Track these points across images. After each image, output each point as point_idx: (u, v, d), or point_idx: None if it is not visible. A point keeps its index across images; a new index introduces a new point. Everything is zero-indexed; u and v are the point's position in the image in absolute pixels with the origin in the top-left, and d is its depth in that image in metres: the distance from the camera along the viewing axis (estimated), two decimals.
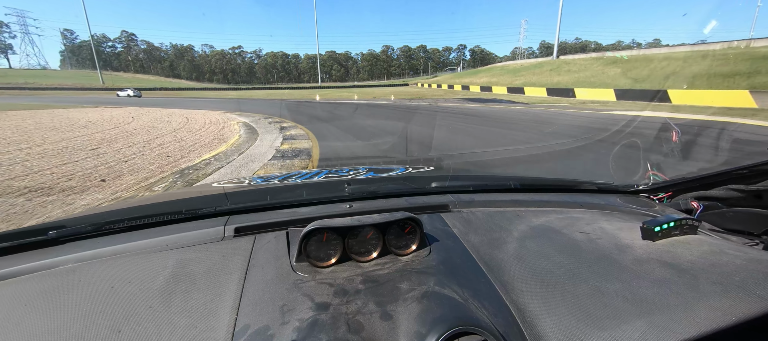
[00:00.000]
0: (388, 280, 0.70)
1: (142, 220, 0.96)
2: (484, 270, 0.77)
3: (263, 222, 0.95)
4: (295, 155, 6.62)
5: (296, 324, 0.58)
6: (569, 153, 6.41)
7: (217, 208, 1.03)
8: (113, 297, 0.66)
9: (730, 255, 0.78)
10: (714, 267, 0.74)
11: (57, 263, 0.79)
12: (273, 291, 0.67)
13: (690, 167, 1.62)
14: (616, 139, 7.43)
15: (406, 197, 1.18)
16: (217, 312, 0.62)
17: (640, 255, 0.80)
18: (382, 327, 0.58)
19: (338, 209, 1.05)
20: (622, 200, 1.28)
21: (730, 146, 6.64)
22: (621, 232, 0.93)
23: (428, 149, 7.02)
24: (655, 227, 0.86)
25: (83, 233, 0.90)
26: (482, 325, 0.56)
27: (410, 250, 0.81)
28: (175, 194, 1.50)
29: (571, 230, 0.95)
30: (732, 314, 0.61)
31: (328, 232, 0.76)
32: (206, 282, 0.71)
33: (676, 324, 0.60)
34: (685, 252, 0.81)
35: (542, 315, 0.63)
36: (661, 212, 1.18)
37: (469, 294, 0.66)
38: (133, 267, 0.76)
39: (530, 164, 5.59)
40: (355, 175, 1.62)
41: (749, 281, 0.68)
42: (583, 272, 0.75)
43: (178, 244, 0.86)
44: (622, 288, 0.69)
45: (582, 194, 1.33)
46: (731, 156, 5.84)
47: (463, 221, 1.01)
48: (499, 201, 1.19)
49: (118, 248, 0.84)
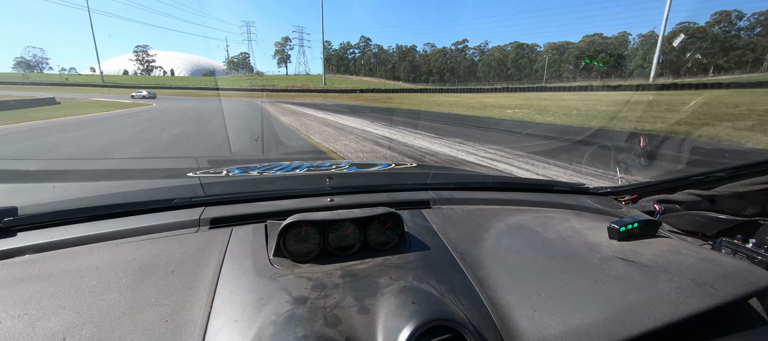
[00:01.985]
0: (366, 275, 0.70)
1: (111, 209, 0.91)
2: (461, 265, 0.79)
3: (241, 214, 0.93)
4: None
5: (272, 318, 0.57)
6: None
7: (192, 198, 1.00)
8: (77, 290, 0.62)
9: (685, 255, 0.84)
10: (671, 265, 0.79)
11: (13, 252, 0.74)
12: (249, 285, 0.66)
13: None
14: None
15: (387, 193, 1.19)
16: (190, 305, 0.61)
17: (606, 254, 0.85)
18: (360, 321, 0.58)
19: (319, 203, 1.04)
20: (593, 201, 1.35)
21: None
22: (590, 231, 0.98)
23: None
24: (621, 228, 0.91)
25: (45, 221, 0.85)
26: (457, 319, 0.58)
27: (390, 245, 0.81)
28: (148, 183, 1.44)
29: (544, 229, 0.99)
30: (685, 307, 0.66)
31: (308, 226, 0.76)
32: (179, 274, 0.68)
33: (636, 317, 0.64)
34: (647, 251, 0.86)
35: (515, 309, 0.66)
36: (627, 213, 1.25)
37: (446, 289, 0.68)
38: (100, 258, 0.72)
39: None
40: (338, 169, 1.61)
41: (701, 278, 0.74)
42: (554, 269, 0.79)
43: (149, 235, 0.83)
44: (589, 284, 0.73)
45: (556, 195, 1.38)
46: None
47: (442, 217, 1.03)
48: (478, 199, 1.22)
49: (83, 238, 0.79)
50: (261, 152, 7.46)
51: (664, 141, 6.74)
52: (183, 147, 7.80)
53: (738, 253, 0.91)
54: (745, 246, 0.92)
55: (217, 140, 9.14)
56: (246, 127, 11.91)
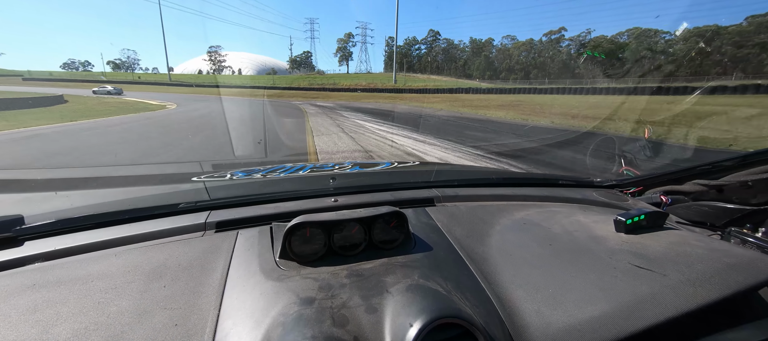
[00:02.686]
0: (372, 274, 0.70)
1: (118, 216, 0.92)
2: (467, 262, 0.78)
3: (246, 216, 0.93)
4: None
5: (280, 320, 0.57)
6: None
7: (197, 203, 1.01)
8: (88, 295, 0.63)
9: (693, 246, 0.83)
10: (679, 257, 0.79)
11: (23, 260, 0.75)
12: (256, 287, 0.66)
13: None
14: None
15: (391, 192, 1.19)
16: (199, 309, 0.61)
17: (612, 247, 0.85)
18: (367, 320, 0.58)
19: (323, 203, 1.04)
20: (598, 194, 1.34)
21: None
22: (596, 225, 0.97)
23: None
24: (627, 220, 0.91)
25: (53, 229, 0.86)
26: (465, 316, 0.58)
27: (395, 244, 0.81)
28: (154, 189, 1.45)
29: (550, 224, 0.98)
30: (695, 299, 0.65)
31: (312, 227, 0.76)
32: (187, 278, 0.69)
33: (645, 309, 0.64)
34: (654, 243, 0.86)
35: (522, 305, 0.66)
36: (633, 205, 1.24)
37: (452, 286, 0.68)
38: (109, 264, 0.73)
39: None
40: (341, 169, 1.61)
41: (710, 269, 0.73)
42: (560, 263, 0.78)
43: (157, 240, 0.83)
44: (596, 278, 0.72)
45: (561, 189, 1.37)
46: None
47: (447, 215, 1.02)
48: (483, 196, 1.21)
49: (92, 245, 0.80)
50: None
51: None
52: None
53: (747, 243, 0.90)
54: (755, 236, 0.91)
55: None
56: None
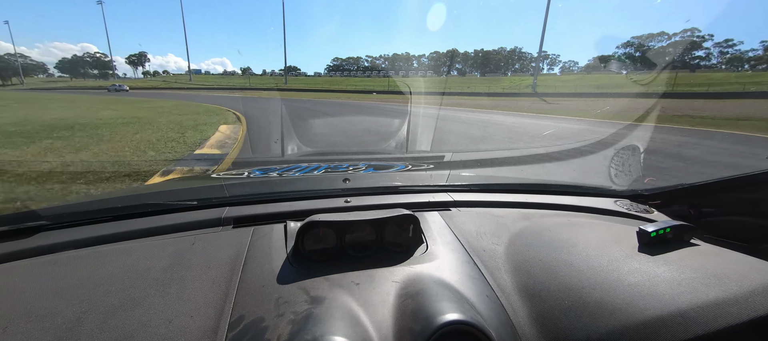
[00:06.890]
0: (383, 276, 0.70)
1: (139, 209, 0.96)
2: (480, 269, 0.77)
3: (261, 213, 0.95)
4: None
5: (291, 317, 0.58)
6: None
7: (215, 198, 1.03)
8: (108, 285, 0.66)
9: (725, 262, 0.79)
10: (708, 273, 0.74)
11: (49, 249, 0.79)
12: (269, 283, 0.67)
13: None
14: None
15: (404, 194, 1.18)
16: (213, 302, 0.63)
17: (635, 259, 0.81)
18: (376, 322, 0.58)
19: (336, 204, 1.05)
20: (620, 204, 1.29)
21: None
22: (618, 236, 0.93)
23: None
24: (651, 232, 0.86)
25: (76, 221, 0.89)
26: (476, 324, 0.57)
27: (407, 247, 0.81)
28: (175, 184, 1.50)
29: (568, 233, 0.95)
30: (724, 319, 0.61)
31: (325, 227, 0.77)
32: (203, 272, 0.71)
33: (669, 327, 0.60)
34: (680, 258, 0.81)
35: (535, 316, 0.64)
36: (658, 217, 1.19)
37: (464, 293, 0.67)
38: (128, 256, 0.76)
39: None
40: (355, 170, 1.62)
41: (743, 288, 0.69)
42: (578, 276, 0.75)
43: (175, 233, 0.86)
44: (616, 292, 0.69)
45: (581, 198, 1.33)
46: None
47: (461, 220, 1.01)
48: (498, 202, 1.19)
49: (113, 237, 0.83)
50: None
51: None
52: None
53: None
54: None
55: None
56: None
